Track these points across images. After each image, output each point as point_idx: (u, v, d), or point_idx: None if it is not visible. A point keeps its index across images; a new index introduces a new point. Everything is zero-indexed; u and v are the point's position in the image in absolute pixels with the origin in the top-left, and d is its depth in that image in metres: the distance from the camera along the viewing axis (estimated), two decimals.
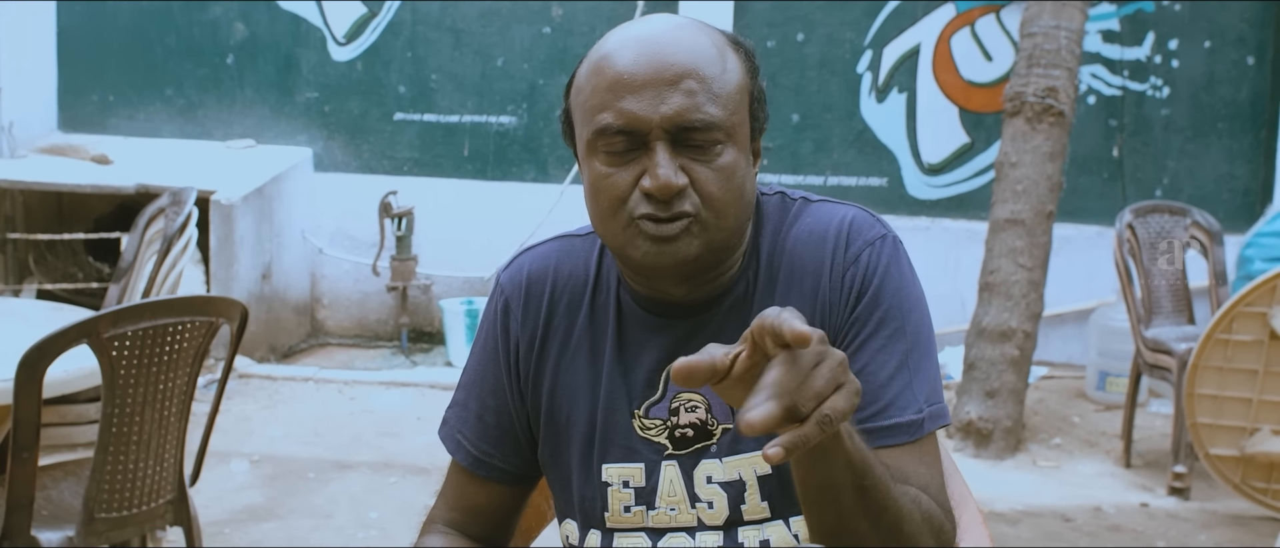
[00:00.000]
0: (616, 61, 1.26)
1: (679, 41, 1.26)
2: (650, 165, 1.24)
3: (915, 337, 1.31)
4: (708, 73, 1.25)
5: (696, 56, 1.26)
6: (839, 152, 6.04)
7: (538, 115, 6.17)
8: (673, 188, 1.23)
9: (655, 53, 1.25)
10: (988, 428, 4.66)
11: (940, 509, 1.28)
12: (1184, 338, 4.38)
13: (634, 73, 1.25)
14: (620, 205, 1.26)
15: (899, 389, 1.28)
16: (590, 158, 1.28)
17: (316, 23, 6.20)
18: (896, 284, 1.32)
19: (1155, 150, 5.89)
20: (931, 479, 1.29)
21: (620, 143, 1.25)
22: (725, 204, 1.26)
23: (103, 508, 2.52)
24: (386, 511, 3.98)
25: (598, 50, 1.30)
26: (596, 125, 1.26)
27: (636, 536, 1.37)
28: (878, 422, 1.27)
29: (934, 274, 5.31)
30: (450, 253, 6.08)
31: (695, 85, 1.24)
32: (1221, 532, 4.03)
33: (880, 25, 5.95)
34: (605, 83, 1.26)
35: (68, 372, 2.52)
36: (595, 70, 1.28)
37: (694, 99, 1.24)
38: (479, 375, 1.45)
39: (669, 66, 1.24)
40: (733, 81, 1.27)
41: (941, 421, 1.31)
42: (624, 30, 1.31)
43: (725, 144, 1.26)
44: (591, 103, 1.27)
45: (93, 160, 5.77)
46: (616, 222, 1.27)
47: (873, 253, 1.32)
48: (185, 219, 3.46)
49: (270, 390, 5.23)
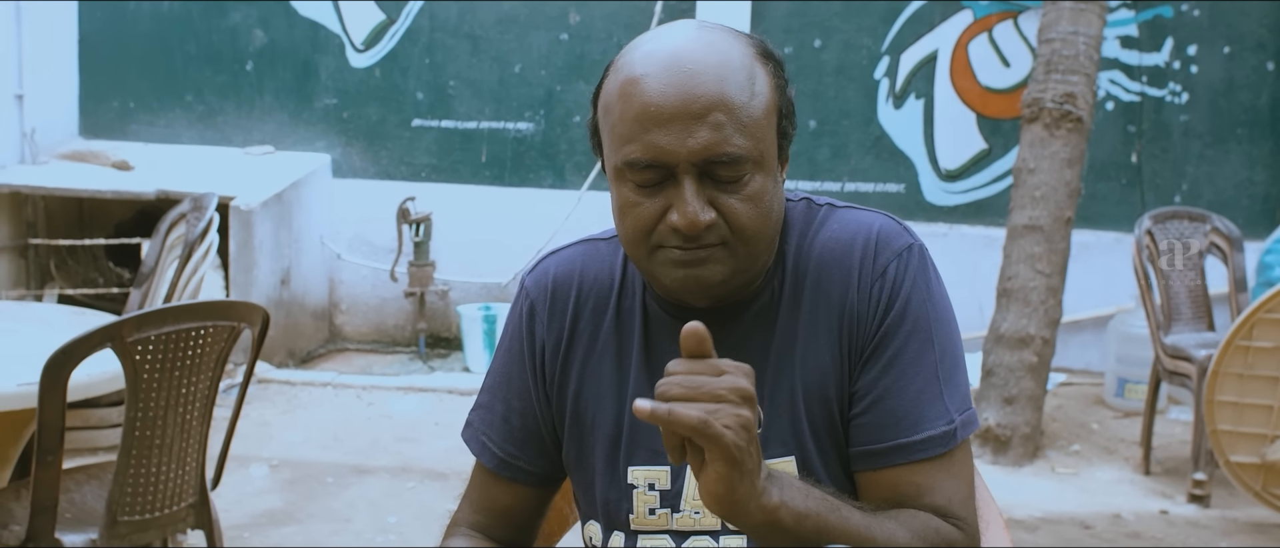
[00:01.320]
0: (644, 89, 1.24)
1: (708, 65, 1.24)
2: (677, 202, 1.24)
3: (944, 347, 1.32)
4: (736, 101, 1.24)
5: (724, 84, 1.24)
6: (856, 158, 6.04)
7: (555, 122, 6.18)
8: (700, 225, 1.24)
9: (683, 81, 1.23)
10: (1006, 435, 4.65)
11: (961, 523, 1.28)
12: (1204, 345, 4.36)
13: (661, 105, 1.23)
14: (647, 236, 1.28)
15: (929, 401, 1.29)
16: (618, 182, 1.29)
17: (335, 29, 6.23)
18: (923, 296, 1.32)
19: (1174, 156, 5.87)
20: (957, 492, 1.30)
21: (648, 176, 1.26)
22: (754, 232, 1.27)
23: (125, 511, 2.53)
24: (405, 515, 3.99)
25: (626, 67, 1.28)
26: (624, 157, 1.26)
27: (661, 538, 1.37)
28: (909, 436, 1.28)
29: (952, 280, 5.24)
30: (468, 259, 6.09)
31: (723, 118, 1.23)
32: (1242, 539, 4.01)
33: (898, 31, 5.95)
34: (633, 112, 1.25)
35: (91, 376, 2.54)
36: (623, 94, 1.27)
37: (721, 133, 1.23)
38: (504, 378, 1.46)
39: (696, 98, 1.23)
40: (761, 106, 1.26)
41: (972, 427, 1.32)
42: (652, 46, 1.28)
43: (753, 173, 1.26)
44: (619, 131, 1.27)
45: (113, 166, 5.81)
46: (643, 249, 1.29)
47: (900, 265, 1.32)
48: (207, 225, 3.48)
49: (289, 395, 5.25)
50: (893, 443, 1.28)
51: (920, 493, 1.28)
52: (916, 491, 1.28)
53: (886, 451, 1.30)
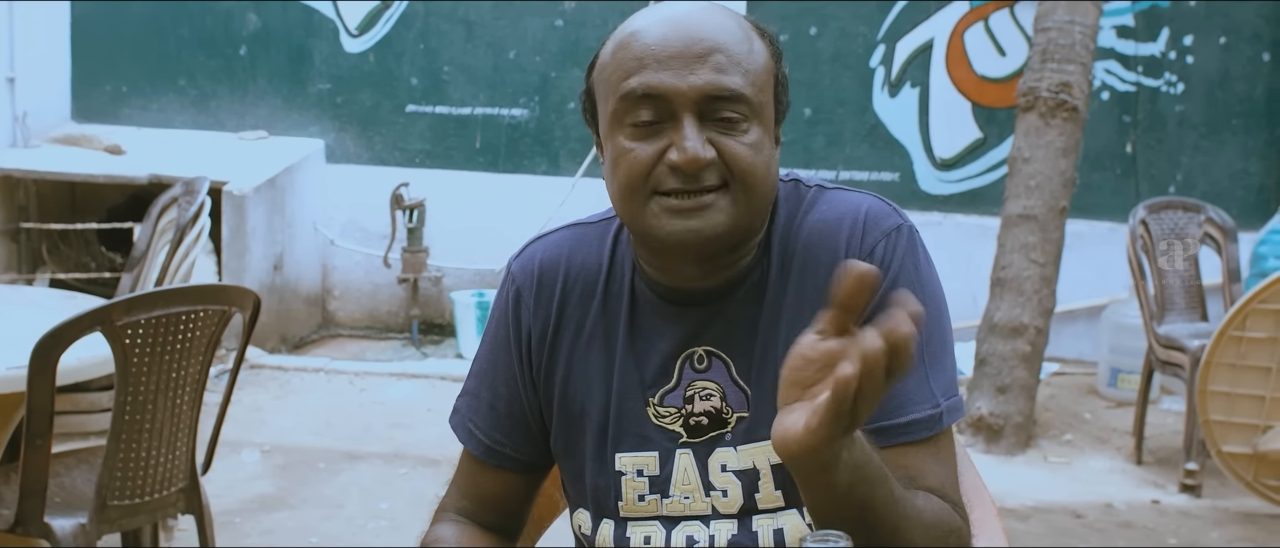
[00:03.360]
0: (645, 36, 1.26)
1: (706, 20, 1.26)
2: (677, 138, 1.23)
3: (932, 330, 1.30)
4: (736, 50, 1.25)
5: (724, 33, 1.26)
6: (851, 146, 6.03)
7: (550, 108, 6.16)
8: (701, 161, 1.22)
9: (684, 29, 1.25)
10: (999, 424, 4.65)
11: (954, 508, 1.27)
12: (1197, 335, 4.36)
13: (663, 46, 1.24)
14: (644, 180, 1.25)
15: (915, 384, 1.27)
16: (614, 133, 1.27)
17: (329, 14, 6.21)
18: (911, 276, 1.31)
19: (1169, 146, 5.87)
20: (946, 477, 1.28)
21: (646, 113, 1.24)
22: (755, 177, 1.25)
23: (115, 495, 2.53)
24: (397, 501, 3.98)
25: (624, 29, 1.30)
26: (622, 91, 1.25)
27: (651, 525, 1.36)
28: (894, 419, 1.26)
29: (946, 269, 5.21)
30: (462, 245, 6.08)
31: (723, 60, 1.24)
32: (1233, 530, 4.02)
33: (893, 19, 5.94)
34: (632, 55, 1.25)
35: (81, 359, 2.53)
36: (621, 45, 1.28)
37: (722, 72, 1.23)
38: (491, 364, 1.44)
39: (698, 41, 1.24)
40: (759, 61, 1.28)
41: (958, 414, 1.30)
42: (650, 11, 1.31)
43: (752, 121, 1.25)
44: (617, 76, 1.26)
45: (106, 150, 5.79)
46: (639, 199, 1.26)
47: (888, 244, 1.31)
48: (198, 209, 3.47)
49: (281, 381, 5.25)
50: (877, 425, 1.26)
51: (909, 476, 1.26)
52: (904, 474, 1.27)
53: (871, 432, 1.28)
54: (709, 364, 1.34)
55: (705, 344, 1.34)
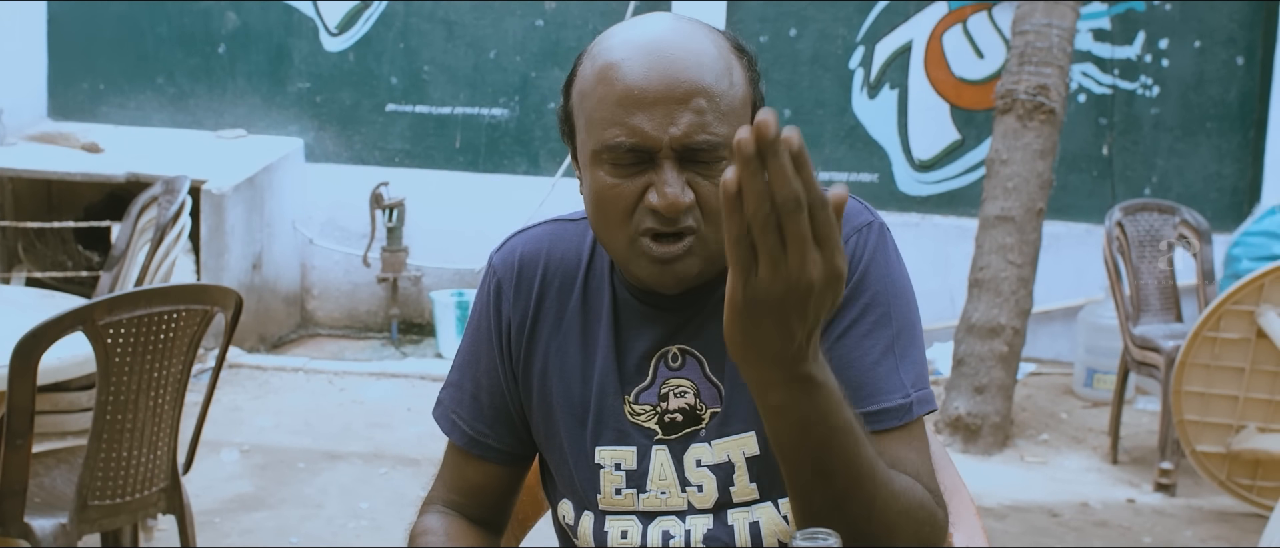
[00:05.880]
0: (625, 73, 1.26)
1: (687, 52, 1.26)
2: (657, 183, 1.25)
3: (901, 324, 1.32)
4: (716, 89, 1.26)
5: (705, 72, 1.26)
6: (830, 147, 6.06)
7: (530, 108, 6.17)
8: (680, 206, 1.25)
9: (665, 67, 1.25)
10: (976, 423, 4.68)
11: (932, 496, 1.29)
12: (1172, 336, 4.41)
13: (644, 88, 1.25)
14: (625, 219, 1.28)
15: (885, 374, 1.29)
16: (594, 167, 1.29)
17: (309, 13, 6.19)
18: (882, 271, 1.33)
19: (1145, 149, 5.92)
20: (922, 466, 1.30)
21: (628, 158, 1.26)
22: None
23: (96, 496, 2.52)
24: (377, 501, 3.98)
25: (604, 53, 1.29)
26: (605, 141, 1.26)
27: (628, 520, 1.38)
28: (865, 407, 1.28)
29: (924, 270, 5.33)
30: (441, 245, 6.07)
31: (704, 104, 1.25)
32: (1207, 528, 4.06)
33: (872, 22, 5.97)
34: (614, 95, 1.26)
35: (62, 359, 2.53)
36: (602, 78, 1.28)
37: (703, 118, 1.24)
38: (473, 356, 1.47)
39: (679, 84, 1.25)
40: (738, 96, 1.28)
41: (928, 406, 1.32)
42: (629, 34, 1.30)
43: (729, 159, 1.27)
44: (599, 115, 1.27)
45: (83, 148, 5.75)
46: (621, 235, 1.29)
47: (859, 240, 1.33)
48: (179, 208, 3.46)
49: (260, 381, 5.23)
50: None
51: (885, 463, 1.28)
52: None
53: None
54: (683, 362, 1.37)
55: (679, 343, 1.37)
